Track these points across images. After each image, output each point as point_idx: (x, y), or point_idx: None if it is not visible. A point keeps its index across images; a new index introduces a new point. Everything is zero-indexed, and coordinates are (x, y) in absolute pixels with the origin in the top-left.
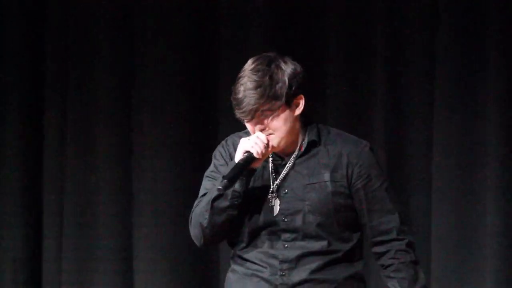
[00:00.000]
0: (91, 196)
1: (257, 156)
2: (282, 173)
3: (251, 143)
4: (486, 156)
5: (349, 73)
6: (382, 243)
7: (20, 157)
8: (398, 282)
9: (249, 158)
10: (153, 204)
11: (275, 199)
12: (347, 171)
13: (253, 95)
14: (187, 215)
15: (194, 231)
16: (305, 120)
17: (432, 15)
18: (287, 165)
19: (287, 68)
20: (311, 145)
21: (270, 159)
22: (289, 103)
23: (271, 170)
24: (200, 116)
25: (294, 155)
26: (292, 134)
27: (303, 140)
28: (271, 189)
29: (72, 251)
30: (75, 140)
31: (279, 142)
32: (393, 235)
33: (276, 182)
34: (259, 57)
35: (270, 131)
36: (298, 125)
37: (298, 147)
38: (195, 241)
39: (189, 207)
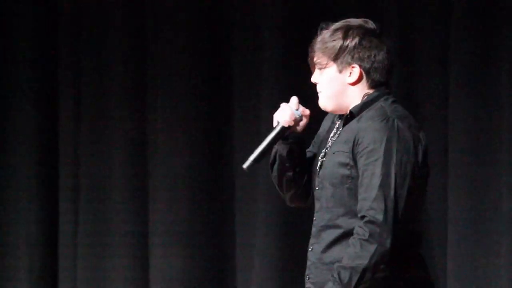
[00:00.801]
0: (105, 181)
1: (285, 125)
2: (332, 140)
3: (281, 112)
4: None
5: None
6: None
7: (35, 144)
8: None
9: (277, 129)
10: (168, 188)
11: (320, 165)
12: (353, 143)
13: (313, 42)
14: (201, 198)
15: None
16: (369, 91)
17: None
18: (337, 132)
19: (352, 36)
20: (350, 116)
21: (336, 125)
22: (339, 67)
23: (333, 133)
24: (214, 103)
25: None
26: (339, 100)
27: None
28: (322, 154)
29: (88, 236)
30: (89, 127)
31: (324, 103)
32: (361, 212)
33: (326, 146)
34: (352, 20)
35: (320, 88)
36: (352, 94)
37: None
38: None
39: (204, 190)
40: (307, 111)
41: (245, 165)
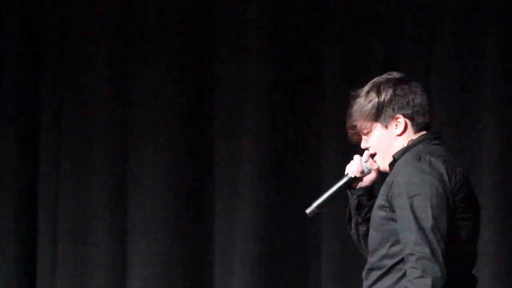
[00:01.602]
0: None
1: (352, 176)
2: None
3: (351, 163)
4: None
5: (347, 73)
6: (405, 259)
7: (14, 185)
8: None
9: (344, 180)
10: (147, 208)
11: None
12: (390, 185)
13: (350, 113)
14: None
15: None
16: (414, 136)
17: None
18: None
19: (385, 90)
20: (393, 162)
21: None
22: (384, 123)
23: None
24: (196, 114)
25: None
26: (392, 153)
27: None
28: None
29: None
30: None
31: (382, 162)
32: (405, 254)
33: None
34: (375, 78)
35: (373, 150)
36: (401, 144)
37: None
38: None
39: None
40: (376, 165)
41: (308, 211)
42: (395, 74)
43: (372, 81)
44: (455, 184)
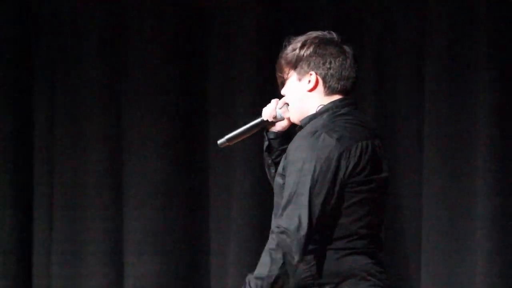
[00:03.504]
0: (80, 188)
1: (264, 119)
2: None
3: (267, 105)
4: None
5: None
6: None
7: (9, 150)
8: None
9: (257, 120)
10: (142, 187)
11: None
12: (286, 155)
13: (280, 55)
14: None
15: None
16: (326, 100)
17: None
18: None
19: (309, 45)
20: (299, 127)
21: None
22: (299, 75)
23: None
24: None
25: None
26: (302, 108)
27: None
28: None
29: (62, 243)
30: (63, 133)
31: (291, 113)
32: (275, 223)
33: None
34: (311, 32)
35: (287, 99)
36: (312, 104)
37: None
38: None
39: (178, 195)
40: (288, 114)
41: (219, 142)
42: (330, 34)
43: (309, 32)
44: (348, 160)
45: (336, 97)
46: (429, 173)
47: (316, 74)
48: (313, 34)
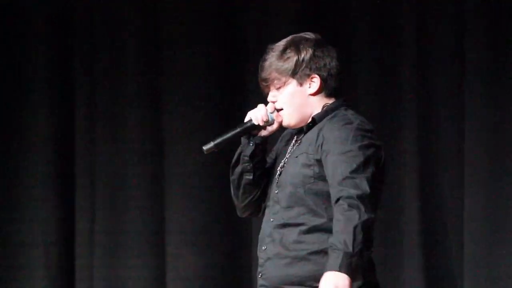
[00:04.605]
0: (121, 180)
1: (255, 123)
2: (292, 149)
3: (256, 110)
4: None
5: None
6: (334, 207)
7: (51, 142)
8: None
9: (247, 124)
10: (183, 186)
11: (280, 173)
12: (317, 144)
13: (263, 66)
14: (216, 196)
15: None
16: (328, 100)
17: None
18: (298, 141)
19: (304, 49)
20: (312, 123)
21: (295, 137)
22: (299, 80)
23: (292, 144)
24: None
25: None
26: (303, 111)
27: None
28: (282, 164)
29: (104, 235)
30: (105, 125)
31: (289, 119)
32: (335, 198)
33: (286, 157)
34: (292, 35)
35: (281, 105)
36: (314, 104)
37: None
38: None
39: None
40: (280, 118)
41: (206, 148)
42: (315, 35)
43: (290, 38)
44: (382, 151)
45: (333, 97)
46: (470, 171)
47: (319, 77)
48: (299, 38)
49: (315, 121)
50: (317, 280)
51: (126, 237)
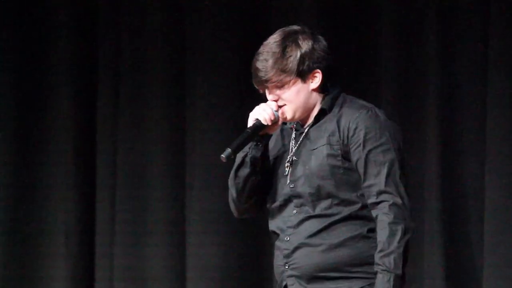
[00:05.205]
0: (142, 169)
1: (264, 123)
2: (298, 142)
3: (260, 110)
4: None
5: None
6: (371, 206)
7: (72, 132)
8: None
9: (256, 125)
10: (205, 176)
11: (289, 167)
12: (342, 134)
13: (264, 67)
14: None
15: (230, 205)
16: (327, 90)
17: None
18: (303, 134)
19: (304, 43)
20: (322, 113)
21: (294, 130)
22: (303, 77)
23: (292, 139)
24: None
25: (308, 124)
26: (306, 106)
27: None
28: (288, 158)
29: (125, 224)
30: (127, 114)
31: (293, 114)
32: (374, 198)
33: (292, 151)
34: (282, 29)
35: (283, 102)
36: (315, 97)
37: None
38: (233, 213)
39: None
40: (285, 115)
41: (224, 155)
42: (300, 27)
43: (282, 34)
44: None
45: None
46: (491, 168)
47: (320, 71)
48: (293, 31)
49: (325, 110)
50: (353, 264)
51: (147, 226)
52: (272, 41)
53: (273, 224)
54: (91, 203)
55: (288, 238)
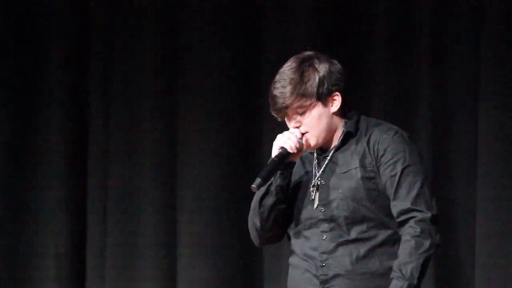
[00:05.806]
0: (134, 194)
1: (290, 151)
2: (322, 166)
3: (285, 138)
4: None
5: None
6: (399, 224)
7: (63, 155)
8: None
9: (283, 154)
10: (196, 199)
11: (316, 192)
12: (373, 157)
13: (283, 93)
14: (229, 209)
15: (251, 233)
16: (345, 112)
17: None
18: (327, 158)
19: (321, 66)
20: (348, 136)
21: (315, 154)
22: (323, 101)
23: (315, 164)
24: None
25: (332, 148)
26: (329, 130)
27: (342, 132)
28: (312, 183)
29: (116, 247)
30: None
31: (317, 140)
32: (404, 217)
33: (317, 176)
34: (296, 56)
35: (306, 129)
36: (336, 120)
37: (337, 140)
38: (254, 242)
39: (231, 200)
40: (309, 142)
41: (254, 185)
42: (313, 51)
43: (296, 60)
44: None
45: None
46: (483, 173)
47: (339, 93)
48: (308, 56)
49: (351, 133)
50: None
51: (138, 249)
52: (288, 68)
53: (298, 248)
54: (82, 226)
55: (324, 264)
